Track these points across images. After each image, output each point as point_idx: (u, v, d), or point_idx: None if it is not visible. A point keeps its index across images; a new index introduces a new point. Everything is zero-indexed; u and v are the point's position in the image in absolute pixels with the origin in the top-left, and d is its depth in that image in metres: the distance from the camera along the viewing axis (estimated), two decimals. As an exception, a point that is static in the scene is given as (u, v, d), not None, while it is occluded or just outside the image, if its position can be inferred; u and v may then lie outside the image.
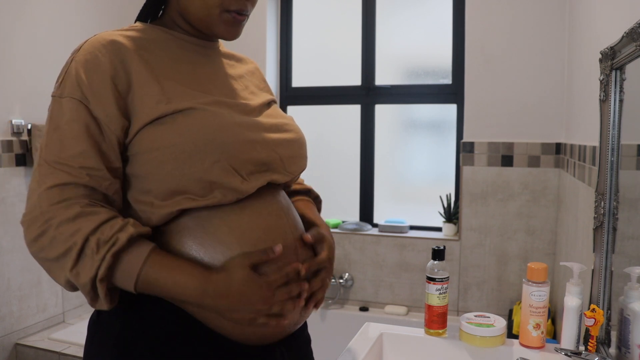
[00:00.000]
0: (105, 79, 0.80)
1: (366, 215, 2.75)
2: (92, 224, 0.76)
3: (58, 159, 0.78)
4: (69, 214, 0.76)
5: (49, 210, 0.77)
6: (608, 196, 1.11)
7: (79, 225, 0.76)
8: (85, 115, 0.79)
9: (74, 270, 0.76)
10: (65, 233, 0.76)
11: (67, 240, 0.76)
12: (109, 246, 0.75)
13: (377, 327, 1.20)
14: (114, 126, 0.80)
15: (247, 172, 0.84)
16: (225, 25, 0.89)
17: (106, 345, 0.85)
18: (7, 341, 2.07)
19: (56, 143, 0.79)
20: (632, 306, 0.94)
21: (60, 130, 0.80)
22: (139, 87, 0.82)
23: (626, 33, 1.00)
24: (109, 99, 0.80)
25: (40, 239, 0.77)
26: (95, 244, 0.75)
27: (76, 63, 0.81)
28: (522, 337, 1.09)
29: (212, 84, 0.90)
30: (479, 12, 2.33)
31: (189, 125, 0.81)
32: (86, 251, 0.75)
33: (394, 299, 2.56)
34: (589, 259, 1.24)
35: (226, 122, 0.84)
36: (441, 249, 1.12)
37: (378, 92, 2.67)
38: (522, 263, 2.34)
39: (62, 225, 0.76)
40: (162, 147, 0.80)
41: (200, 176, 0.81)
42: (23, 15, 2.10)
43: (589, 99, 1.55)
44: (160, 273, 0.78)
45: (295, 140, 0.95)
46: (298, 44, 2.83)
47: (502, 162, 2.34)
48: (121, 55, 0.82)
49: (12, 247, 2.06)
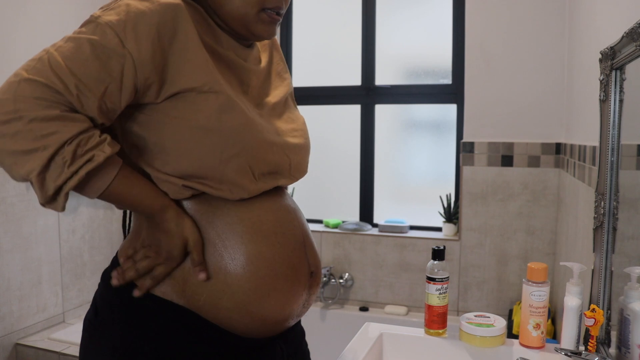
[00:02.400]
0: (151, 28, 0.76)
1: (366, 215, 2.75)
2: (70, 131, 0.72)
3: (62, 62, 0.73)
4: (46, 113, 0.71)
5: (23, 100, 0.71)
6: (608, 196, 1.11)
7: (55, 129, 0.71)
8: (115, 47, 0.75)
9: (40, 175, 0.71)
10: (36, 131, 0.70)
11: (37, 140, 0.70)
12: (84, 161, 0.73)
13: (377, 327, 1.20)
14: (141, 71, 0.76)
15: (259, 172, 0.85)
16: (263, 24, 0.87)
17: (105, 345, 0.84)
18: (7, 341, 2.07)
19: (69, 50, 0.74)
20: (632, 306, 0.94)
21: (81, 43, 0.75)
22: (184, 51, 0.79)
23: (626, 33, 1.00)
24: (147, 45, 0.76)
25: (3, 126, 0.71)
26: (70, 155, 0.72)
27: (132, 1, 0.78)
28: (522, 337, 1.09)
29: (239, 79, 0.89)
30: (479, 12, 2.33)
31: (219, 112, 0.80)
32: (57, 159, 0.71)
33: (394, 299, 2.56)
34: (589, 259, 1.24)
35: (252, 119, 0.84)
36: (441, 249, 1.12)
37: (378, 92, 2.67)
38: (522, 263, 2.34)
39: (34, 122, 0.70)
40: (188, 121, 0.79)
41: (215, 165, 0.81)
42: (23, 15, 2.10)
43: (589, 99, 1.55)
44: (127, 188, 0.79)
45: (304, 146, 0.96)
46: (298, 44, 2.83)
47: (502, 162, 2.34)
48: (176, 16, 0.79)
49: (12, 247, 2.06)
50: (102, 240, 2.49)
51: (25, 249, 2.12)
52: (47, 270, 2.22)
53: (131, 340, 0.82)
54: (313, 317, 2.56)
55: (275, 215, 0.88)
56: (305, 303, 0.92)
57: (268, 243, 0.85)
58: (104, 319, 0.86)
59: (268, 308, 0.85)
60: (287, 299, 0.87)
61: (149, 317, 0.83)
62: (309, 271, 0.91)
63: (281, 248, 0.86)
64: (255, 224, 0.85)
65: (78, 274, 2.37)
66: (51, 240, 2.23)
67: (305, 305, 0.92)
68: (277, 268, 0.85)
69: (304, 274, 0.90)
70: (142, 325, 0.83)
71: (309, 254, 0.92)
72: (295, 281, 0.88)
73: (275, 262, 0.85)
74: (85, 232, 2.40)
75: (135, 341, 0.82)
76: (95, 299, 0.89)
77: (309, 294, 0.92)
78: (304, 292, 0.90)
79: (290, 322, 0.91)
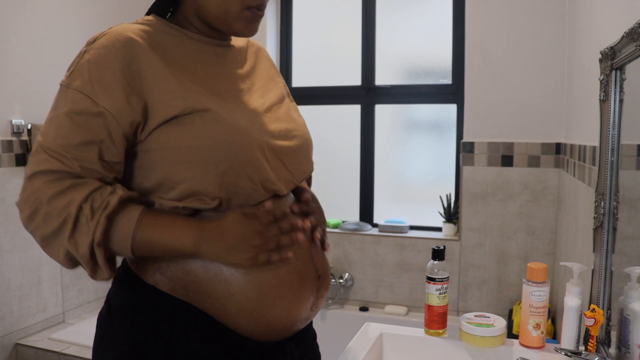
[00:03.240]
0: (116, 75, 0.79)
1: (366, 215, 2.75)
2: (83, 193, 0.77)
3: (52, 146, 0.78)
4: (59, 188, 0.77)
5: (39, 189, 0.77)
6: (608, 196, 1.11)
7: (71, 197, 0.77)
8: (90, 108, 0.78)
9: (72, 239, 0.76)
10: (58, 206, 0.76)
11: (61, 213, 0.76)
12: (102, 210, 0.77)
13: (377, 327, 1.20)
14: (123, 120, 0.79)
15: (257, 179, 0.84)
16: (246, 22, 0.87)
17: (116, 343, 0.85)
18: (7, 341, 2.07)
19: (53, 131, 0.79)
20: (632, 306, 0.94)
21: (60, 119, 0.79)
22: (155, 84, 0.80)
23: (626, 33, 1.00)
24: (119, 93, 0.78)
25: (35, 217, 0.78)
26: (89, 211, 0.76)
27: (89, 56, 0.80)
28: (522, 337, 1.09)
29: (224, 86, 0.89)
30: (479, 12, 2.33)
31: (205, 129, 0.81)
32: (81, 219, 0.76)
33: (394, 299, 2.56)
34: (589, 259, 1.24)
35: (240, 127, 0.83)
36: (441, 249, 1.12)
37: (378, 92, 2.67)
38: (522, 263, 2.34)
39: (53, 200, 0.77)
40: (177, 147, 0.80)
41: (213, 180, 0.81)
42: (23, 15, 2.10)
43: (589, 99, 1.55)
44: (155, 230, 0.79)
45: (301, 146, 0.95)
46: (298, 44, 2.83)
47: (502, 162, 2.34)
48: (135, 52, 0.80)
49: (12, 247, 2.07)
50: (102, 240, 2.49)
51: (25, 249, 2.12)
52: (47, 270, 2.22)
53: (141, 339, 0.83)
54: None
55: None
56: (314, 306, 0.92)
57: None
58: (115, 316, 0.87)
59: (274, 315, 0.85)
60: (293, 305, 0.87)
61: (159, 315, 0.84)
62: (316, 275, 0.91)
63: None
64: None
65: (78, 274, 2.36)
66: (51, 240, 2.23)
67: (313, 309, 0.92)
68: (282, 276, 0.85)
69: (311, 278, 0.90)
70: (153, 323, 0.83)
71: (315, 258, 0.91)
72: (301, 287, 0.88)
73: (279, 269, 0.85)
74: (85, 232, 2.40)
75: (145, 339, 0.83)
76: (109, 297, 0.91)
77: (317, 297, 0.92)
78: (311, 297, 0.90)
79: (298, 325, 0.91)
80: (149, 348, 0.82)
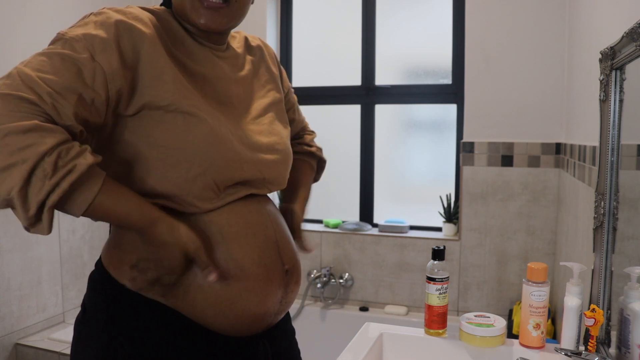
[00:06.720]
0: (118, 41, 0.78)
1: (366, 215, 2.75)
2: (47, 143, 0.68)
3: (32, 75, 0.71)
4: (21, 125, 0.67)
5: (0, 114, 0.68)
6: (608, 196, 1.11)
7: (32, 140, 0.67)
8: (85, 60, 0.75)
9: (20, 191, 0.67)
10: (13, 145, 0.67)
11: (15, 154, 0.67)
12: (66, 172, 0.69)
13: (377, 327, 1.20)
14: (111, 84, 0.77)
15: (224, 187, 0.86)
16: (203, 12, 0.86)
17: (91, 343, 0.87)
18: (7, 341, 2.07)
19: (38, 64, 0.73)
20: (632, 306, 0.94)
21: (50, 56, 0.74)
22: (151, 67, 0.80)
23: (626, 33, 1.00)
24: (116, 57, 0.77)
25: None
26: (50, 167, 0.68)
27: (97, 18, 0.80)
28: (522, 337, 1.09)
29: (216, 91, 0.90)
30: (479, 12, 2.33)
31: (186, 132, 0.81)
32: (37, 173, 0.67)
33: (394, 299, 2.56)
34: (589, 259, 1.24)
35: (221, 137, 0.84)
36: (441, 249, 1.12)
37: (378, 92, 2.67)
38: (522, 263, 2.34)
39: (9, 136, 0.67)
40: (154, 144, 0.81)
41: (181, 183, 0.82)
42: (23, 15, 2.10)
43: (589, 99, 1.55)
44: (114, 200, 0.76)
45: (282, 161, 0.97)
46: (298, 44, 2.83)
47: (502, 162, 2.34)
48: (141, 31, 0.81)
49: (12, 247, 2.06)
50: (102, 240, 2.49)
51: (25, 249, 2.12)
52: (47, 270, 2.22)
53: (112, 335, 0.84)
54: (313, 317, 2.57)
55: (246, 218, 0.89)
56: (283, 300, 0.94)
57: (237, 245, 0.86)
58: (90, 318, 0.88)
59: (240, 307, 0.87)
60: (260, 298, 0.88)
61: (130, 314, 0.85)
62: (283, 270, 0.93)
63: (251, 249, 0.88)
64: (224, 227, 0.86)
65: (78, 274, 2.37)
66: (51, 240, 2.23)
67: (282, 303, 0.94)
68: (248, 269, 0.87)
69: (278, 272, 0.91)
70: (123, 321, 0.85)
71: (282, 253, 0.93)
72: (267, 281, 0.89)
73: (245, 263, 0.87)
74: (85, 232, 2.40)
75: (116, 338, 0.84)
76: (84, 301, 0.92)
77: (286, 291, 0.94)
78: (278, 291, 0.92)
79: (268, 320, 0.92)
80: (120, 346, 0.84)
